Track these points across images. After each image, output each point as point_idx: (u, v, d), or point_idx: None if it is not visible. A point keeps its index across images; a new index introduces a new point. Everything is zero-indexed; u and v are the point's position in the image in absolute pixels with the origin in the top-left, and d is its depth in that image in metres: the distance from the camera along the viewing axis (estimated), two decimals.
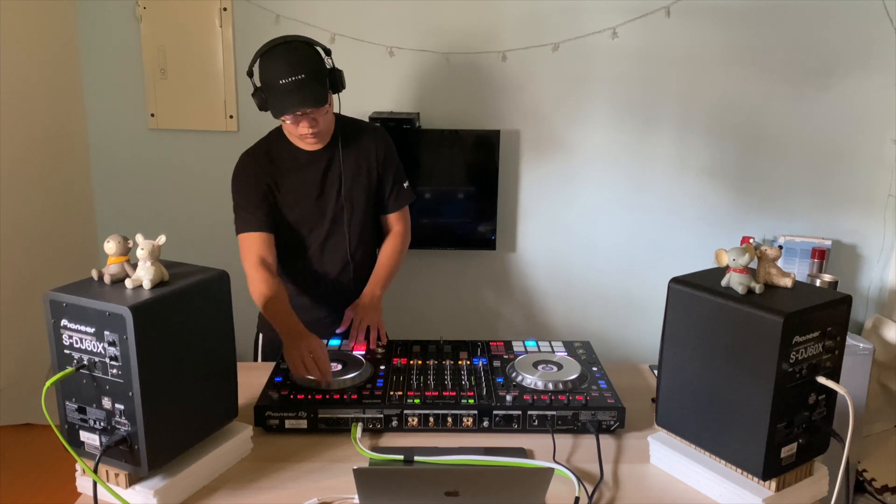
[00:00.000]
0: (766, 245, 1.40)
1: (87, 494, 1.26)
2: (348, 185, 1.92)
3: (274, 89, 1.71)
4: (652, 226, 2.87)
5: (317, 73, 1.74)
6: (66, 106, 2.79)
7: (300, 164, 1.90)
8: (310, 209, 1.92)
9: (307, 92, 1.71)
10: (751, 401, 1.19)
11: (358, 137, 1.93)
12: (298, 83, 1.70)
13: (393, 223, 2.04)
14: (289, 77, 1.69)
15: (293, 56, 1.73)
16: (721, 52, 2.69)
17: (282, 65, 1.71)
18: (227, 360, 1.36)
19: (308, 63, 1.73)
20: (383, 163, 1.96)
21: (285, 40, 1.76)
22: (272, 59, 1.73)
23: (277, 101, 1.72)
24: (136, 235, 1.25)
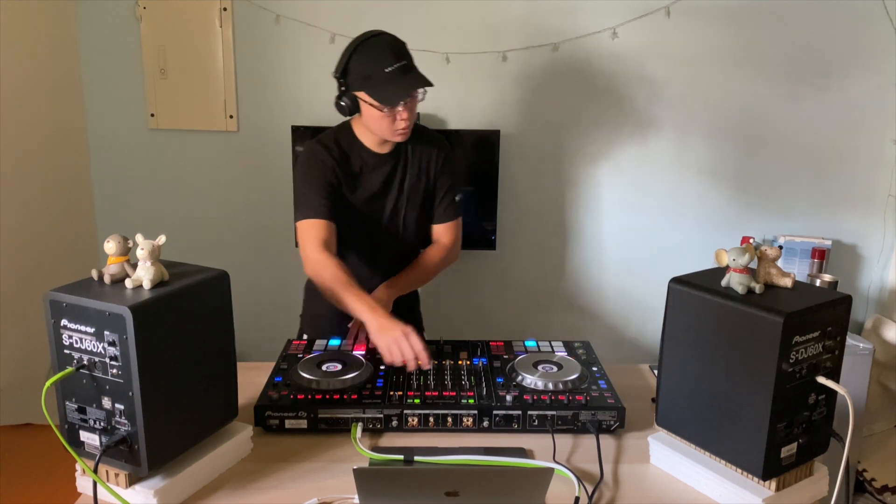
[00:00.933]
0: (766, 245, 1.40)
1: (87, 494, 1.26)
2: (408, 192, 1.90)
3: (379, 79, 1.69)
4: (652, 226, 2.87)
5: (412, 60, 1.75)
6: (66, 106, 2.79)
7: (367, 165, 1.87)
8: (367, 211, 1.89)
9: (415, 74, 1.72)
10: (751, 401, 1.19)
11: (423, 144, 1.91)
12: (404, 68, 1.70)
13: (440, 235, 1.99)
14: (394, 63, 1.68)
15: (390, 45, 1.72)
16: (721, 52, 2.69)
17: (384, 53, 1.69)
18: (227, 360, 1.36)
19: (405, 50, 1.74)
20: (439, 172, 1.93)
21: (373, 34, 1.74)
22: (370, 51, 1.71)
23: (387, 88, 1.69)
24: (136, 235, 1.25)
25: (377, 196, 1.90)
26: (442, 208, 1.97)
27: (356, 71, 1.72)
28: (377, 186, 1.89)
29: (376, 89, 1.70)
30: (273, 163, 2.81)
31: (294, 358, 1.67)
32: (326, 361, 1.62)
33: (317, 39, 2.69)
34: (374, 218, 1.92)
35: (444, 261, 1.99)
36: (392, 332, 1.52)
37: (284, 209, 2.80)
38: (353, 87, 1.75)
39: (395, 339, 1.51)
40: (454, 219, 1.99)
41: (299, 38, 2.70)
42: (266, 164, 2.82)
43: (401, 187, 1.91)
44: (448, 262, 2.00)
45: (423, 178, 1.92)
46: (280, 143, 2.77)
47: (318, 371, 1.58)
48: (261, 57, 2.74)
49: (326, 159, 1.82)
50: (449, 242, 1.99)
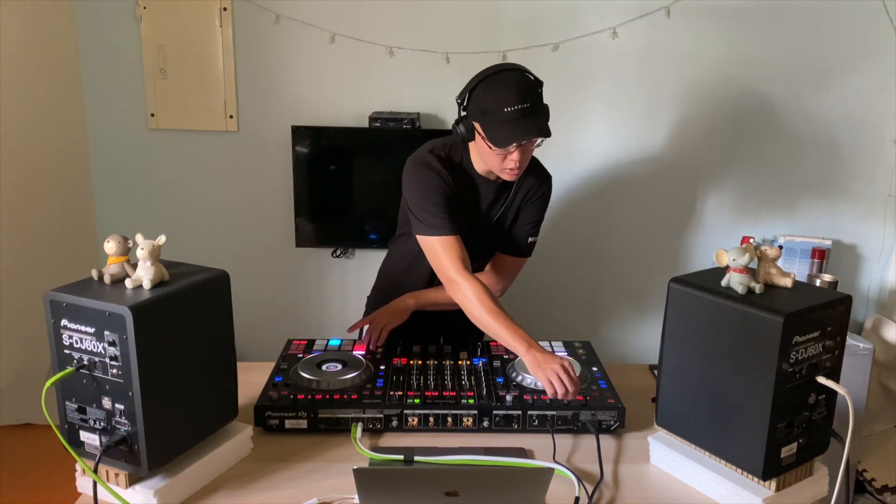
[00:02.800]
0: (766, 245, 1.40)
1: (87, 494, 1.26)
2: (499, 225, 1.83)
3: (498, 117, 1.60)
4: (652, 226, 2.87)
5: (540, 103, 1.65)
6: (66, 106, 2.79)
7: (472, 188, 1.78)
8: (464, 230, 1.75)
9: (534, 121, 1.61)
10: (751, 401, 1.19)
11: (533, 178, 1.82)
12: (525, 111, 1.59)
13: (501, 265, 1.89)
14: (516, 105, 1.59)
15: (520, 84, 1.62)
16: (721, 52, 2.69)
17: (510, 92, 1.59)
18: (227, 360, 1.36)
19: (533, 92, 1.63)
20: (529, 204, 1.83)
21: (506, 67, 1.66)
22: (497, 85, 1.62)
23: (502, 129, 1.59)
24: (136, 235, 1.25)
25: (474, 222, 1.80)
26: (513, 240, 1.86)
27: (478, 102, 1.64)
28: (477, 213, 1.81)
29: (491, 127, 1.61)
30: (273, 163, 2.81)
31: (294, 358, 1.67)
32: (326, 361, 1.63)
33: (317, 39, 2.69)
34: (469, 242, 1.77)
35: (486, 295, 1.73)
36: (552, 366, 1.47)
37: (284, 209, 2.80)
38: (472, 116, 1.66)
39: (554, 372, 1.47)
40: (519, 256, 1.88)
41: (299, 38, 2.70)
42: (266, 164, 2.82)
43: (498, 220, 1.82)
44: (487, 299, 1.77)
45: (517, 209, 1.83)
46: (280, 143, 2.77)
47: (318, 371, 1.58)
48: (261, 57, 2.74)
49: (442, 172, 1.73)
50: (498, 275, 1.89)
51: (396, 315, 1.83)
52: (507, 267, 1.90)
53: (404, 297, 1.86)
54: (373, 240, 2.81)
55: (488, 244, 1.88)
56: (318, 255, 2.89)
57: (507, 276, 1.91)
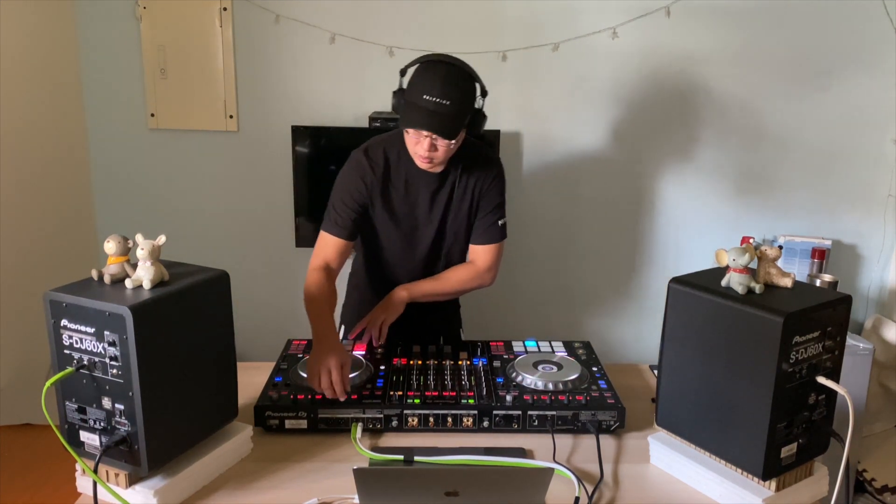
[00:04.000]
0: (766, 245, 1.40)
1: (87, 494, 1.26)
2: (453, 215, 1.84)
3: (414, 99, 1.63)
4: (652, 226, 2.87)
5: (462, 107, 1.64)
6: (66, 106, 2.79)
7: (413, 179, 1.80)
8: (408, 227, 1.85)
9: (442, 120, 1.61)
10: (751, 401, 1.19)
11: (477, 166, 1.82)
12: (439, 106, 1.60)
13: (476, 256, 1.89)
14: (434, 97, 1.60)
15: (452, 80, 1.62)
16: (721, 52, 2.69)
17: (437, 82, 1.60)
18: (228, 360, 1.36)
19: (460, 94, 1.63)
20: (485, 192, 1.83)
21: (451, 62, 1.66)
22: (429, 72, 1.63)
23: (410, 111, 1.63)
24: (136, 235, 1.25)
25: (419, 213, 1.84)
26: (482, 228, 1.87)
27: (411, 78, 1.67)
28: (420, 203, 1.83)
29: (405, 106, 1.65)
30: (273, 163, 2.81)
31: (294, 358, 1.67)
32: None
33: (317, 39, 2.69)
34: (416, 235, 1.86)
35: (472, 282, 1.89)
36: (326, 363, 1.49)
37: (284, 209, 2.80)
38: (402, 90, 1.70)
39: (324, 369, 1.49)
40: (494, 242, 1.88)
41: (299, 38, 2.70)
42: (266, 164, 2.82)
43: (446, 208, 1.84)
44: (477, 285, 1.91)
45: (471, 199, 1.84)
46: (280, 143, 2.77)
47: None
48: (261, 57, 2.74)
49: (366, 173, 1.78)
50: (482, 266, 1.89)
51: (392, 309, 1.83)
52: (484, 256, 1.89)
53: (397, 289, 1.86)
54: None
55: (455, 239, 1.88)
56: None
57: (488, 265, 1.89)
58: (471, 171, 1.82)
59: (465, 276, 1.89)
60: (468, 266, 1.91)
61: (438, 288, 1.88)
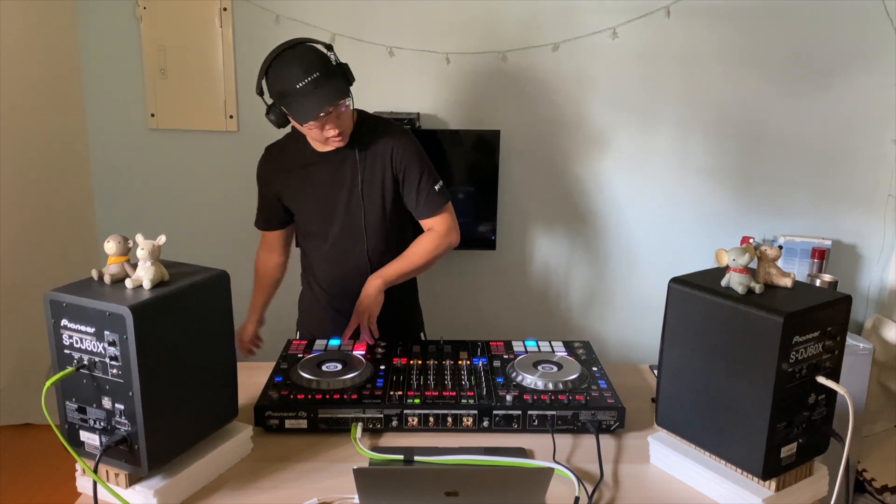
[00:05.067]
0: (766, 245, 1.40)
1: (87, 494, 1.26)
2: (362, 185, 1.85)
3: (292, 95, 1.66)
4: (652, 226, 2.87)
5: (329, 70, 1.69)
6: (66, 106, 2.79)
7: (309, 162, 1.87)
8: (318, 208, 1.90)
9: (328, 88, 1.66)
10: (751, 401, 1.19)
11: (376, 136, 1.85)
12: (316, 82, 1.65)
13: (431, 225, 1.92)
14: (304, 79, 1.64)
15: (301, 58, 1.67)
16: (721, 52, 2.69)
17: (294, 69, 1.65)
18: (227, 360, 1.36)
19: (317, 61, 1.68)
20: (400, 165, 1.85)
21: (287, 46, 1.70)
22: (281, 66, 1.68)
23: (300, 106, 1.66)
24: (136, 235, 1.25)
25: (328, 195, 1.89)
26: (422, 202, 1.88)
27: (272, 86, 1.70)
28: (325, 185, 1.88)
29: (291, 106, 1.68)
30: None
31: (294, 358, 1.67)
32: (326, 361, 1.62)
33: (316, 38, 2.68)
34: (331, 216, 1.91)
35: (440, 247, 1.91)
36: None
37: None
38: (275, 101, 1.72)
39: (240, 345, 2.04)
40: (440, 208, 1.89)
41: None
42: None
43: (353, 184, 1.86)
44: (445, 248, 1.92)
45: (381, 173, 1.86)
46: None
47: (318, 371, 1.58)
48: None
49: (266, 167, 1.95)
50: (442, 230, 1.91)
51: (372, 302, 1.84)
52: (438, 224, 1.91)
53: (370, 279, 1.86)
54: None
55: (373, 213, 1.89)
56: None
57: (446, 229, 1.91)
58: (372, 141, 1.86)
59: (430, 244, 1.90)
60: (429, 234, 1.91)
61: (409, 264, 1.89)
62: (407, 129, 1.95)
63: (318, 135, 1.75)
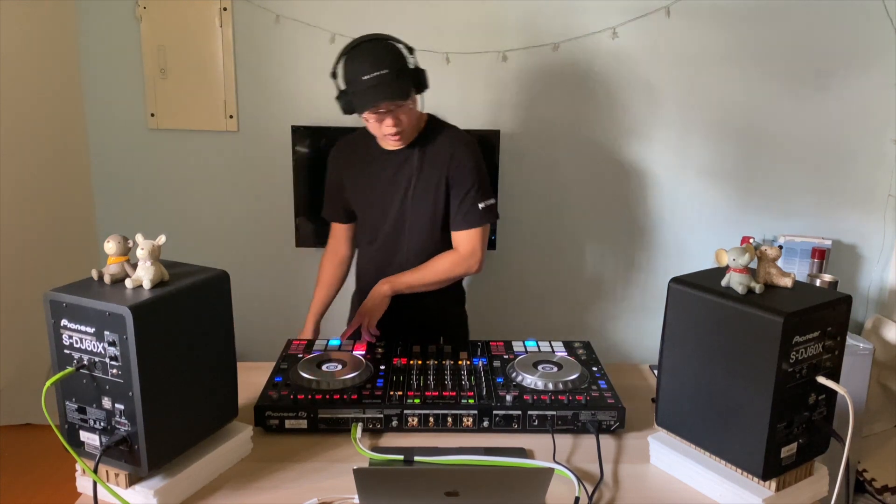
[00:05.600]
0: (766, 245, 1.40)
1: (87, 494, 1.26)
2: (414, 190, 1.86)
3: (357, 86, 1.71)
4: (652, 226, 2.87)
5: (400, 70, 1.73)
6: (66, 106, 2.79)
7: (374, 158, 1.90)
8: (373, 206, 1.94)
9: (390, 87, 1.70)
10: (751, 401, 1.19)
11: (438, 142, 1.86)
12: (380, 78, 1.68)
13: (458, 242, 1.89)
14: (371, 73, 1.68)
15: (375, 52, 1.72)
16: (721, 52, 2.69)
17: (365, 62, 1.70)
18: (227, 360, 1.36)
19: (390, 59, 1.72)
20: (455, 173, 1.84)
21: (367, 38, 1.75)
22: (355, 57, 1.73)
23: (360, 97, 1.71)
24: (136, 235, 1.25)
25: (384, 194, 1.90)
26: (461, 214, 1.86)
27: (345, 74, 1.75)
28: (383, 184, 1.89)
29: (353, 95, 1.73)
30: (273, 163, 2.81)
31: (294, 358, 1.67)
32: (326, 361, 1.63)
33: (317, 39, 2.69)
34: (383, 217, 1.92)
35: (455, 269, 1.89)
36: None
37: (284, 209, 2.80)
38: (342, 90, 1.77)
39: None
40: (474, 227, 1.87)
41: (299, 38, 2.70)
42: (266, 164, 2.82)
43: (407, 187, 1.86)
44: (460, 272, 1.90)
45: (437, 180, 1.85)
46: (280, 143, 2.77)
47: (318, 371, 1.58)
48: (261, 57, 2.74)
49: (336, 159, 2.00)
50: (464, 252, 1.88)
51: (375, 306, 1.85)
52: (465, 241, 1.88)
53: (379, 283, 1.88)
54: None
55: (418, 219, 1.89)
56: (318, 255, 2.85)
57: (470, 250, 1.88)
58: (433, 147, 1.86)
59: (447, 264, 1.89)
60: (450, 253, 1.90)
61: (421, 278, 1.88)
62: (472, 139, 1.92)
63: (376, 129, 1.79)
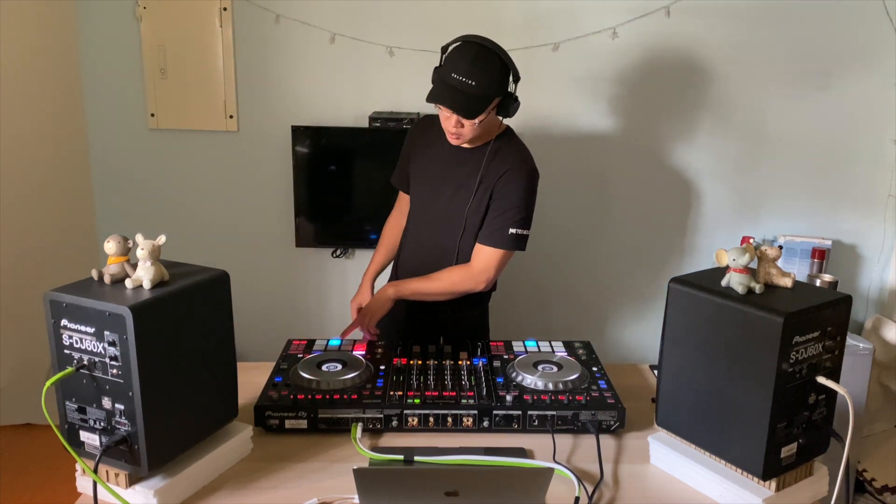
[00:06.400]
0: (766, 245, 1.40)
1: (87, 494, 1.26)
2: (457, 192, 1.84)
3: (442, 75, 1.70)
4: (652, 226, 2.87)
5: (486, 90, 1.68)
6: (66, 106, 2.79)
7: (443, 145, 1.85)
8: (424, 189, 1.95)
9: (463, 99, 1.67)
10: (751, 401, 1.19)
11: (503, 158, 1.82)
12: (464, 85, 1.66)
13: (475, 256, 1.85)
14: (460, 75, 1.66)
15: (480, 61, 1.67)
16: (721, 53, 2.69)
17: (464, 62, 1.67)
18: (227, 360, 1.36)
19: (487, 77, 1.67)
20: (501, 190, 1.81)
21: (486, 42, 1.71)
22: (462, 51, 1.69)
23: (437, 88, 1.70)
24: (136, 235, 1.25)
25: (438, 183, 1.89)
26: (490, 229, 1.82)
27: (445, 59, 1.73)
28: (441, 173, 1.88)
29: (436, 81, 1.72)
30: (273, 163, 2.81)
31: (294, 358, 1.67)
32: (326, 361, 1.63)
33: (317, 39, 2.69)
34: (429, 205, 1.92)
35: (463, 283, 1.84)
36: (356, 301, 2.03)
37: (284, 209, 2.80)
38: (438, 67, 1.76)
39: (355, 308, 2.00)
40: (497, 247, 1.82)
41: (299, 38, 2.70)
42: (266, 164, 2.82)
43: (459, 186, 1.85)
44: (467, 287, 1.85)
45: (484, 191, 1.82)
46: (280, 143, 2.77)
47: (318, 371, 1.58)
48: (261, 57, 2.74)
49: (414, 129, 2.02)
50: (477, 268, 1.83)
51: (380, 306, 1.85)
52: (483, 257, 1.83)
53: (385, 286, 1.89)
54: (373, 240, 2.79)
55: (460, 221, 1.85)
56: (318, 255, 2.89)
57: (483, 267, 1.83)
58: (494, 163, 1.82)
59: (456, 276, 1.85)
60: (462, 267, 1.86)
61: (427, 287, 1.85)
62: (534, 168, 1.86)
63: (443, 119, 1.76)
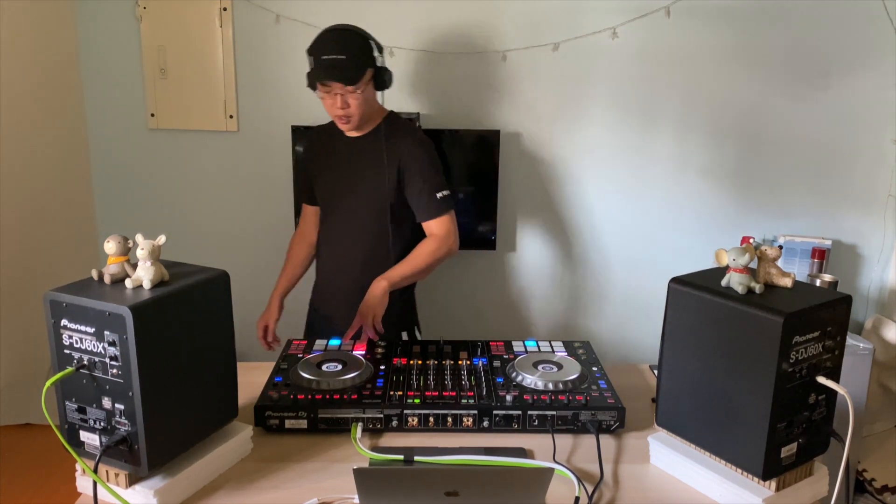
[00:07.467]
0: (766, 245, 1.40)
1: (87, 494, 1.26)
2: (368, 180, 1.97)
3: (317, 62, 1.86)
4: (652, 226, 2.87)
5: (357, 59, 1.87)
6: (66, 106, 2.79)
7: (337, 144, 2.01)
8: (328, 187, 2.06)
9: (343, 71, 1.84)
10: (751, 401, 1.19)
11: (395, 136, 1.97)
12: (336, 61, 1.84)
13: (431, 229, 1.99)
14: (331, 54, 1.84)
15: (341, 39, 1.87)
16: (721, 52, 2.69)
17: (330, 43, 1.86)
18: (227, 360, 1.36)
19: (352, 48, 1.87)
20: (406, 166, 1.95)
21: (341, 27, 1.91)
22: (324, 38, 1.88)
23: (314, 72, 1.87)
24: (136, 235, 1.25)
25: (340, 178, 2.01)
26: (423, 206, 1.97)
27: (312, 50, 1.89)
28: (341, 168, 2.00)
29: (312, 70, 1.88)
30: (273, 163, 2.81)
31: (294, 358, 1.67)
32: (326, 361, 1.63)
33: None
34: (336, 200, 2.04)
35: (440, 250, 1.95)
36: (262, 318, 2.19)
37: (284, 209, 2.80)
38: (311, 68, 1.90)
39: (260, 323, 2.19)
40: (441, 214, 1.97)
41: (299, 38, 2.69)
42: (266, 164, 2.82)
43: (362, 175, 1.98)
44: (445, 253, 1.97)
45: (387, 171, 1.95)
46: (280, 143, 2.77)
47: (318, 371, 1.58)
48: (261, 57, 2.74)
49: (308, 144, 2.15)
50: (441, 234, 1.97)
51: (378, 301, 1.85)
52: (437, 228, 1.97)
53: (375, 281, 1.89)
54: None
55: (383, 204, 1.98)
56: None
57: (445, 233, 1.97)
58: (390, 141, 1.96)
59: (431, 247, 1.96)
60: (429, 239, 1.98)
61: (411, 268, 1.94)
62: (427, 138, 2.04)
63: (328, 107, 1.91)
